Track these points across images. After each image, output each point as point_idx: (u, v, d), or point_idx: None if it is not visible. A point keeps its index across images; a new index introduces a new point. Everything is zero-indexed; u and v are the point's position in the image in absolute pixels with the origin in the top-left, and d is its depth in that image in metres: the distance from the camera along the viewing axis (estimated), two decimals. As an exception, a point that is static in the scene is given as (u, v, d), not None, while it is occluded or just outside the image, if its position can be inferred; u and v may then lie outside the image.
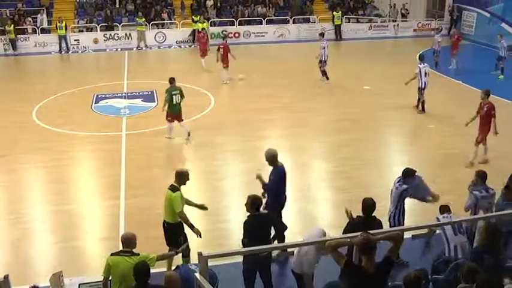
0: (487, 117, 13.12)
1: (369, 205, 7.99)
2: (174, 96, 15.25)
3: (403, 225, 8.88)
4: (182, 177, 8.68)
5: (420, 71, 17.60)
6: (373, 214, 8.04)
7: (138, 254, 7.11)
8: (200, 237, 8.53)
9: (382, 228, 7.98)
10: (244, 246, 7.74)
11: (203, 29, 24.94)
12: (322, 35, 23.08)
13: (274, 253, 8.46)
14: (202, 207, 8.98)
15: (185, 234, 8.70)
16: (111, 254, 7.12)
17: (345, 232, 8.06)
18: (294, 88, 21.07)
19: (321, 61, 21.87)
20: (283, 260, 9.00)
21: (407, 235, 8.85)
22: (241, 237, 7.86)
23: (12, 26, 29.44)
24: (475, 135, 13.36)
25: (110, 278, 7.03)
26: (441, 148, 14.61)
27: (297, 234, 9.51)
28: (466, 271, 6.02)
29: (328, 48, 21.74)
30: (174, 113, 15.33)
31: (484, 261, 6.59)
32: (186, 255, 8.53)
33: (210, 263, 5.94)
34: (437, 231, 8.85)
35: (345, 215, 8.47)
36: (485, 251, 6.78)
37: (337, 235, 7.23)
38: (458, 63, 23.93)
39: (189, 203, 8.91)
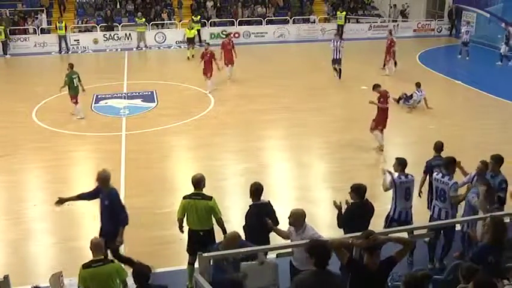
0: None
1: (364, 189, 8.28)
2: (74, 80, 17.55)
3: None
4: (203, 181, 8.59)
5: (417, 94, 18.31)
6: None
7: (112, 261, 7.16)
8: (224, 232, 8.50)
9: (374, 210, 8.32)
10: (245, 232, 7.97)
11: (227, 35, 24.00)
12: (339, 34, 23.68)
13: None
14: None
15: None
16: (83, 267, 6.96)
17: (343, 219, 8.22)
18: (293, 88, 21.07)
19: (335, 60, 22.13)
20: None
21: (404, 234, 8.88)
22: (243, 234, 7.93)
23: (3, 27, 29.09)
24: (478, 135, 13.38)
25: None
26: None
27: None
28: (466, 271, 6.01)
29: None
30: (75, 94, 17.61)
31: (488, 263, 6.55)
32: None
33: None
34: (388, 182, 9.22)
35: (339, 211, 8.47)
36: (490, 252, 6.68)
37: (336, 236, 7.24)
38: (392, 70, 23.49)
39: None
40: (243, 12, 34.00)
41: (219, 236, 8.23)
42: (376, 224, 8.63)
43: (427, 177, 10.07)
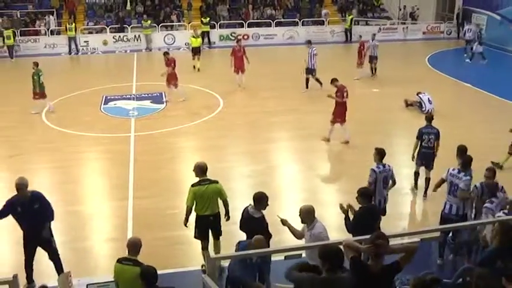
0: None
1: (371, 193, 8.47)
2: (41, 77, 18.52)
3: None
4: (206, 167, 9.03)
5: (422, 99, 18.27)
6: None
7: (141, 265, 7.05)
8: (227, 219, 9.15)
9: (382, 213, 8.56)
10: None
11: (238, 41, 23.05)
12: (309, 42, 21.61)
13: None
14: None
15: None
16: (117, 261, 7.14)
17: (352, 225, 8.19)
18: (301, 90, 21.02)
19: (308, 69, 20.98)
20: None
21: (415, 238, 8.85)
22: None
23: (12, 31, 29.00)
24: (486, 138, 13.31)
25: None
26: (450, 150, 14.49)
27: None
28: (476, 277, 5.95)
29: (318, 55, 20.97)
30: (42, 91, 18.54)
31: (497, 267, 6.50)
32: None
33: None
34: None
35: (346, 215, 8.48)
36: (498, 256, 6.63)
37: (343, 238, 7.21)
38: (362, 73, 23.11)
39: None
40: (253, 14, 33.99)
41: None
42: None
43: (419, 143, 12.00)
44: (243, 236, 8.23)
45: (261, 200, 8.14)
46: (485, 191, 8.82)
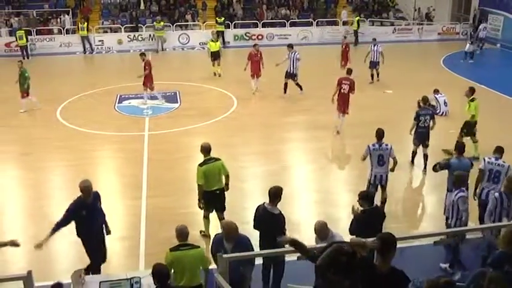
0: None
1: (372, 195, 8.58)
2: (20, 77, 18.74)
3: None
4: (210, 147, 10.12)
5: (438, 100, 18.16)
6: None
7: (198, 247, 7.40)
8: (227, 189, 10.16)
9: (385, 216, 8.50)
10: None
11: (255, 45, 21.85)
12: (291, 46, 20.61)
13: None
14: None
15: None
16: (170, 250, 7.29)
17: (354, 228, 8.21)
18: (315, 91, 20.97)
19: (288, 73, 20.28)
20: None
21: (428, 241, 8.79)
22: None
23: (24, 32, 28.89)
24: (500, 139, 13.14)
25: (173, 272, 7.14)
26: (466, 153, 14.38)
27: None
28: (489, 281, 5.90)
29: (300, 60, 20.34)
30: (27, 90, 18.80)
31: (506, 271, 6.44)
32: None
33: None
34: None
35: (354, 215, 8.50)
36: (507, 261, 6.60)
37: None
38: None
39: None
40: (267, 14, 33.98)
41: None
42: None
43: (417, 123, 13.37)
44: (254, 235, 8.18)
45: (276, 194, 8.18)
46: (504, 200, 8.70)
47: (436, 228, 10.45)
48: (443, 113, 17.83)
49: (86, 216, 8.41)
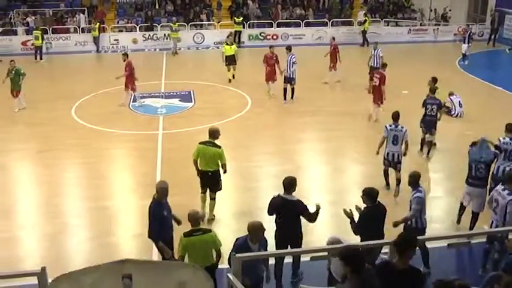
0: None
1: (376, 193, 8.58)
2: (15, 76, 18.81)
3: None
4: (217, 133, 10.86)
5: (453, 101, 17.99)
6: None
7: (210, 231, 7.77)
8: (225, 172, 10.88)
9: (386, 211, 8.54)
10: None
11: (271, 47, 20.71)
12: (289, 48, 19.76)
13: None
14: None
15: None
16: (184, 235, 7.65)
17: (358, 225, 8.37)
18: (329, 91, 20.94)
19: (286, 78, 19.47)
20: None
21: (443, 243, 8.71)
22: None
23: (40, 32, 28.64)
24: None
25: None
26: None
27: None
28: (505, 286, 5.84)
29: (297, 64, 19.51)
30: (18, 89, 18.84)
31: None
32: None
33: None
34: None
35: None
36: None
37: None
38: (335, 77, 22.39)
39: None
40: (282, 14, 33.92)
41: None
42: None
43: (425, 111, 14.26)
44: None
45: (290, 184, 8.43)
46: None
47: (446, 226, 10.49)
48: (458, 114, 17.66)
49: (167, 216, 8.70)
